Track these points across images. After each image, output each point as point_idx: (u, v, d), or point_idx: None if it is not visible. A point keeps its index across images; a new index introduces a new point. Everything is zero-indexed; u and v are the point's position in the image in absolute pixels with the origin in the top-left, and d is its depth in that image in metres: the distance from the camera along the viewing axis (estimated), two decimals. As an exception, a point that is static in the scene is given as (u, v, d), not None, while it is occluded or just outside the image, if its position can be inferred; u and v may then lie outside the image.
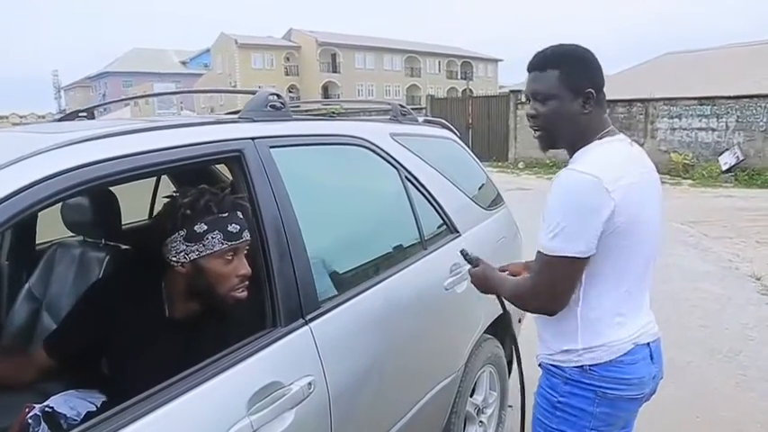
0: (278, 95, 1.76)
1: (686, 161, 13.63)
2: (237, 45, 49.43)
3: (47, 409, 1.66)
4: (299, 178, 1.73)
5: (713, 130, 13.76)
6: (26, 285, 2.31)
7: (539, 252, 1.39)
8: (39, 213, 2.47)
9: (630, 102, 14.94)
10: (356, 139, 2.00)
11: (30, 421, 1.56)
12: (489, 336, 2.55)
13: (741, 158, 12.99)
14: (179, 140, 1.39)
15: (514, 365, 2.65)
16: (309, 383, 1.40)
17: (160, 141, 1.34)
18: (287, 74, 52.13)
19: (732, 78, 15.64)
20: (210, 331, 1.51)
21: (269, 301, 1.46)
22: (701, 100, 13.89)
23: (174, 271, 1.50)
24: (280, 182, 1.57)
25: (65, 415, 1.67)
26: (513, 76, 52.84)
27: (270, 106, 1.72)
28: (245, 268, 1.51)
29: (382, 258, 1.97)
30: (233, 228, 1.50)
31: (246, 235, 1.52)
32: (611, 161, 1.40)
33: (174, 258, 1.48)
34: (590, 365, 1.44)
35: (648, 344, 1.51)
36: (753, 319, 4.53)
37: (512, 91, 18.33)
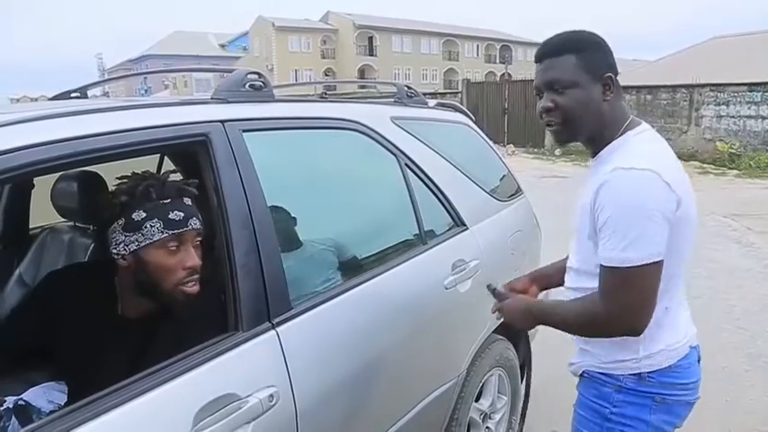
0: (259, 74, 1.60)
1: (732, 150, 12.98)
2: (275, 28, 49.52)
3: (20, 402, 1.58)
4: (278, 166, 1.59)
5: (763, 118, 13.08)
6: (17, 270, 2.25)
7: (610, 268, 1.23)
8: (32, 197, 2.46)
9: (674, 88, 14.31)
10: (349, 122, 1.83)
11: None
12: (499, 337, 2.37)
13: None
14: (129, 123, 1.24)
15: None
16: (271, 396, 1.25)
17: (103, 125, 1.19)
18: (323, 57, 52.04)
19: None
20: (165, 333, 1.38)
21: (231, 301, 1.31)
22: (751, 86, 13.20)
23: (120, 265, 1.37)
24: (251, 170, 1.42)
25: (39, 409, 1.59)
26: (554, 60, 51.16)
27: (248, 86, 1.56)
28: (192, 259, 1.38)
29: (372, 255, 1.80)
30: (175, 215, 1.37)
31: (194, 223, 1.39)
32: (658, 154, 1.29)
33: (114, 251, 1.36)
34: (648, 372, 1.34)
35: (696, 346, 1.43)
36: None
37: (551, 75, 17.69)
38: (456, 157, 2.29)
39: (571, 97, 1.30)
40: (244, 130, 1.46)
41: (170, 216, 1.37)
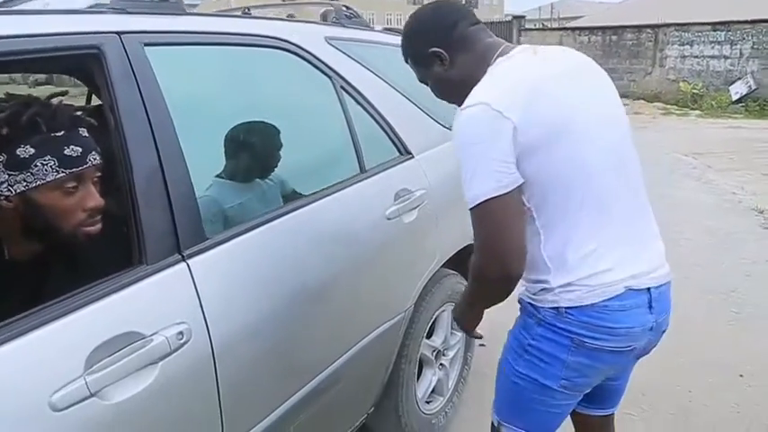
0: (167, -18, 1.41)
1: (695, 91, 13.04)
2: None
3: None
4: (191, 86, 1.42)
5: (726, 57, 13.12)
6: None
7: (469, 211, 1.20)
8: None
9: (640, 28, 14.22)
10: (276, 40, 1.65)
11: None
12: (451, 271, 2.28)
13: (753, 88, 12.42)
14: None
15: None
16: (180, 333, 1.13)
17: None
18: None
19: (750, 1, 14.74)
20: (60, 274, 1.23)
21: (133, 234, 1.17)
22: (715, 25, 13.19)
23: (3, 206, 1.20)
24: (154, 88, 1.25)
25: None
26: (521, 3, 50.69)
27: (155, -5, 1.38)
28: (94, 200, 1.22)
29: (302, 182, 1.66)
30: (72, 151, 1.19)
31: (94, 158, 1.22)
32: (499, 79, 1.24)
33: None
34: (567, 308, 1.24)
35: (649, 289, 1.28)
36: (752, 254, 4.25)
37: (515, 17, 17.40)
38: (402, 83, 2.13)
39: (431, 86, 1.42)
40: (146, 44, 1.29)
41: (66, 152, 1.19)
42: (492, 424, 1.48)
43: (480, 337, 1.64)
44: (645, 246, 1.33)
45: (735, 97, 12.48)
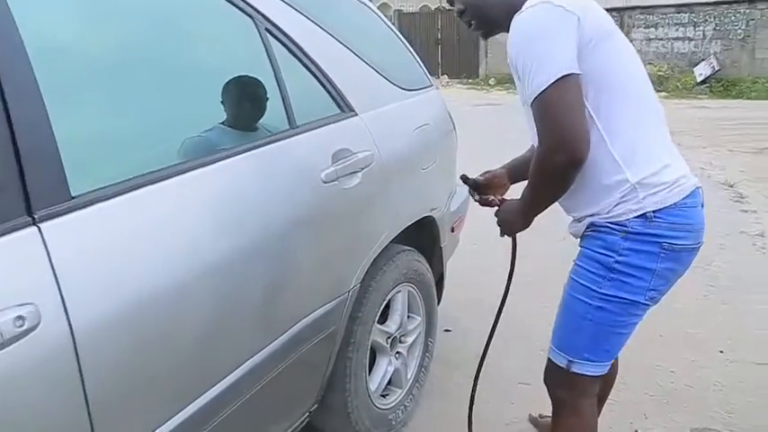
0: None
1: (661, 73, 13.01)
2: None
3: None
4: (64, 14, 1.12)
5: (690, 39, 13.20)
6: None
7: (533, 104, 1.26)
8: None
9: (606, 11, 14.14)
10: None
11: None
12: (405, 247, 2.03)
13: (717, 69, 12.49)
14: None
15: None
16: (20, 318, 0.85)
17: None
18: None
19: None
20: None
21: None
22: (679, 7, 13.25)
23: None
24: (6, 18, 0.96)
25: None
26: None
27: None
28: None
29: (214, 135, 1.38)
30: None
31: None
32: None
33: None
34: (654, 212, 1.29)
35: (701, 188, 1.40)
36: (724, 227, 4.11)
37: (482, 3, 17.17)
38: (346, 34, 1.87)
39: (471, 13, 1.45)
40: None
41: None
42: (556, 366, 1.46)
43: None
44: (676, 151, 1.40)
45: (699, 79, 12.53)
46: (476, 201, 1.71)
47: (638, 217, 1.30)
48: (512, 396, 2.29)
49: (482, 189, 1.70)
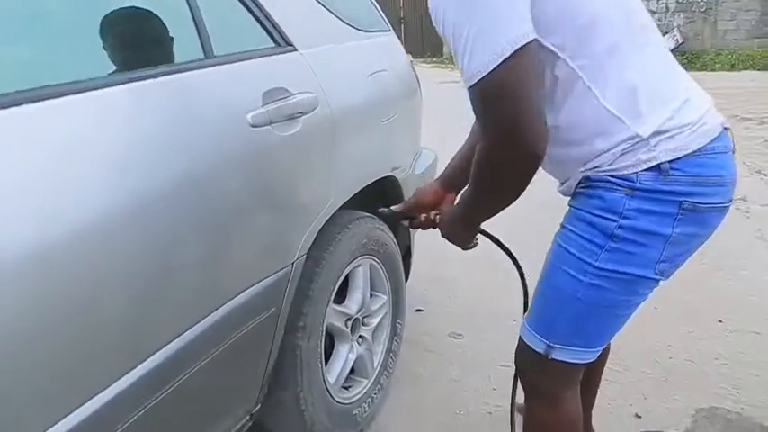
0: None
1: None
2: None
3: None
4: None
5: (653, 12, 13.11)
6: None
7: (469, 90, 0.94)
8: None
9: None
10: None
11: None
12: (363, 213, 1.72)
13: (681, 41, 12.47)
14: None
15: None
16: None
17: None
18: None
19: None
20: None
21: None
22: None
23: None
24: None
25: None
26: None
27: None
28: None
29: (79, 59, 1.02)
30: None
31: None
32: None
33: None
34: (670, 162, 0.99)
35: (729, 129, 1.09)
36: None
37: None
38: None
39: None
40: None
41: None
42: (531, 350, 1.16)
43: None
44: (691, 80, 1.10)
45: (664, 51, 12.52)
46: (413, 228, 1.46)
47: (648, 169, 1.00)
48: (493, 380, 2.02)
49: (418, 212, 1.42)
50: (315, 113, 1.40)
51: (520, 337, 1.21)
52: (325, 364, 1.62)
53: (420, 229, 1.43)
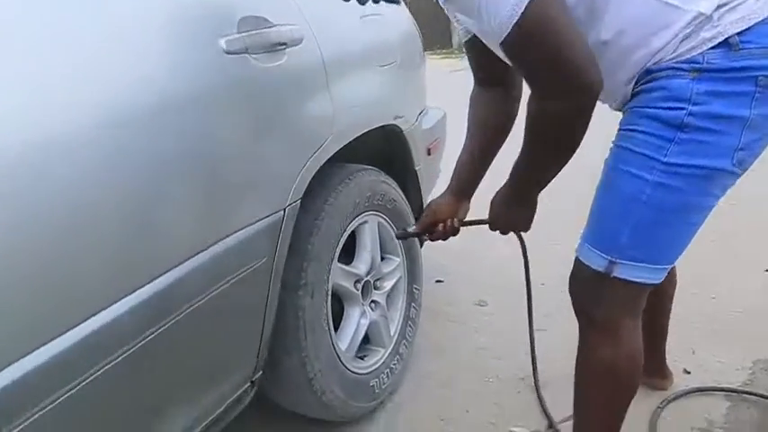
0: None
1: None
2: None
3: None
4: None
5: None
6: None
7: (505, 44, 0.88)
8: None
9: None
10: None
11: None
12: (366, 167, 1.58)
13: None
14: None
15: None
16: None
17: None
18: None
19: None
20: None
21: None
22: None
23: None
24: None
25: None
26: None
27: None
28: None
29: None
30: None
31: None
32: None
33: None
34: (740, 34, 0.89)
35: None
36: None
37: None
38: None
39: None
40: None
41: None
42: (589, 271, 1.05)
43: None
44: None
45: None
46: (432, 241, 1.44)
47: (715, 47, 0.90)
48: (525, 345, 1.85)
49: (435, 227, 1.39)
50: (301, 48, 1.26)
51: (576, 260, 1.09)
52: (336, 332, 1.49)
53: (441, 240, 1.41)
